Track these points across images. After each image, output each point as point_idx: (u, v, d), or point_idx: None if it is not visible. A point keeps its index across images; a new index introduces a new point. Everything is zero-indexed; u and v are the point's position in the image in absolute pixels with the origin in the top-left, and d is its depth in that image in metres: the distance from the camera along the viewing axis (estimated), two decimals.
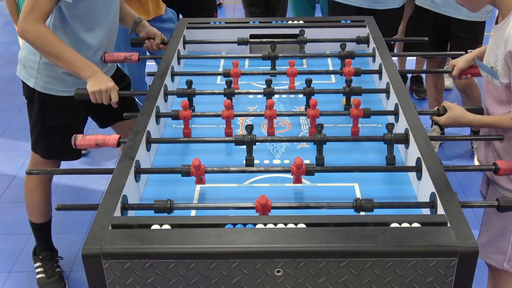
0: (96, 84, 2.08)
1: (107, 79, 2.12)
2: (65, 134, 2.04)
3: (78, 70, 2.09)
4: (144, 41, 2.48)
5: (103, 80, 2.10)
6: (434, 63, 3.47)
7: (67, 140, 1.78)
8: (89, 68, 2.10)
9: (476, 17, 3.15)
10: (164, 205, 1.45)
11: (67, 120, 2.32)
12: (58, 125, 2.32)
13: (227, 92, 2.01)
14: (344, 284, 1.26)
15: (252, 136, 1.70)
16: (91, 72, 2.09)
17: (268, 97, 1.99)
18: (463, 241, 1.24)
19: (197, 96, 2.05)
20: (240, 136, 1.72)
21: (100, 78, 2.10)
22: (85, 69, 2.09)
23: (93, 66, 2.12)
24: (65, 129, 2.27)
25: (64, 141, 2.05)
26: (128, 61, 2.36)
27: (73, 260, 2.73)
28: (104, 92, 2.08)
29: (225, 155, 1.83)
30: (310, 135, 1.85)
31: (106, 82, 2.09)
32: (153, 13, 3.18)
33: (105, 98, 2.09)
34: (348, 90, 2.00)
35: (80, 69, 2.09)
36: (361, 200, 1.45)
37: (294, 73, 2.12)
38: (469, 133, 3.63)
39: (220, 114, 1.86)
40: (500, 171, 1.58)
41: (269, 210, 1.43)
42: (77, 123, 2.38)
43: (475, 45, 3.23)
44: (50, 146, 2.37)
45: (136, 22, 2.48)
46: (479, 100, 3.46)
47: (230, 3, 6.74)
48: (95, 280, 1.26)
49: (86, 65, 2.10)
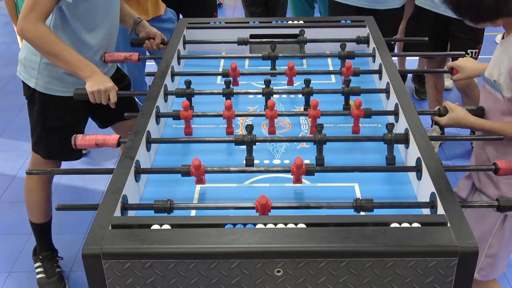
0: (95, 84, 2.07)
1: (106, 79, 2.11)
2: (65, 134, 2.03)
3: (77, 70, 2.09)
4: (144, 41, 2.48)
5: (102, 80, 2.09)
6: (434, 63, 3.47)
7: (68, 140, 1.78)
8: (88, 68, 2.10)
9: None
10: (164, 205, 1.45)
11: (67, 120, 2.32)
12: (59, 125, 2.32)
13: (226, 92, 2.01)
14: (344, 284, 1.26)
15: (252, 136, 1.70)
16: (90, 72, 2.09)
17: (267, 97, 1.99)
18: (463, 241, 1.24)
19: (196, 96, 2.05)
20: (240, 136, 1.72)
21: (99, 78, 2.09)
22: (84, 69, 2.09)
23: (92, 66, 2.12)
24: (66, 129, 2.27)
25: (64, 141, 2.04)
26: (128, 61, 2.36)
27: (73, 260, 2.73)
28: (103, 92, 2.07)
29: (225, 155, 1.83)
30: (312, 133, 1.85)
31: (105, 82, 2.09)
32: (152, 13, 3.18)
33: (103, 98, 2.09)
34: (346, 90, 2.00)
35: (79, 68, 2.09)
36: (361, 200, 1.45)
37: (293, 74, 2.12)
38: (469, 133, 3.64)
39: (221, 114, 1.86)
40: (500, 171, 1.58)
41: (269, 210, 1.43)
42: (78, 123, 2.38)
43: (475, 45, 3.24)
44: (50, 146, 2.37)
45: (136, 22, 2.49)
46: (479, 100, 3.46)
47: (230, 3, 6.74)
48: (95, 280, 1.26)
49: (85, 65, 2.10)
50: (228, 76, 2.14)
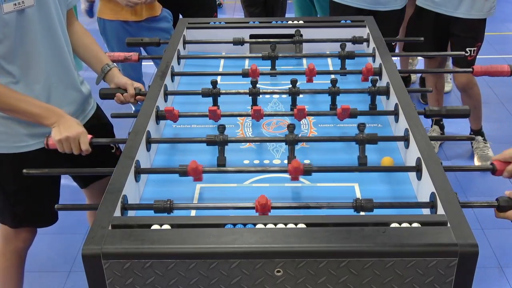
0: (63, 130, 1.77)
1: (74, 124, 1.80)
2: (32, 196, 1.84)
3: (40, 119, 1.80)
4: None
5: (69, 125, 1.79)
6: (435, 63, 3.47)
7: (37, 202, 1.58)
8: (51, 113, 1.80)
9: (476, 14, 3.16)
10: (164, 205, 1.45)
11: (29, 180, 1.87)
12: (22, 186, 1.97)
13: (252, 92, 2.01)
14: (344, 284, 1.26)
15: (224, 136, 1.70)
16: (56, 118, 1.79)
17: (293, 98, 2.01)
18: (463, 241, 1.24)
19: (196, 96, 2.05)
20: (212, 136, 1.71)
21: (66, 123, 1.79)
22: (47, 116, 1.79)
23: (56, 111, 1.82)
24: (31, 190, 1.97)
25: (33, 204, 1.86)
26: (128, 61, 2.36)
27: (73, 260, 2.73)
28: (72, 139, 1.77)
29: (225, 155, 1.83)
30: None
31: (73, 127, 1.79)
32: (146, 14, 3.19)
33: (74, 146, 1.78)
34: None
35: (41, 117, 1.79)
36: (361, 200, 1.45)
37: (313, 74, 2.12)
38: (469, 133, 3.64)
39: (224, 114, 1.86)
40: (498, 172, 1.59)
41: (269, 210, 1.43)
42: (47, 182, 2.02)
43: (473, 43, 3.23)
44: (17, 212, 2.02)
45: (104, 71, 2.10)
46: (479, 98, 3.47)
47: (230, 3, 6.74)
48: (95, 280, 1.26)
49: (47, 110, 1.80)
50: (248, 76, 2.12)
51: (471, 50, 3.24)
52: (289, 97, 2.04)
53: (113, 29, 3.20)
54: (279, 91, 2.13)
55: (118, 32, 3.19)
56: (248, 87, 2.03)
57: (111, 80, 2.09)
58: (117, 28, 3.19)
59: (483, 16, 3.19)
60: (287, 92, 2.03)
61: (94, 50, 2.11)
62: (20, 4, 1.75)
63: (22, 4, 1.76)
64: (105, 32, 3.25)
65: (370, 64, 2.17)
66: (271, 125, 1.98)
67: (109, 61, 2.11)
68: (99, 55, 2.12)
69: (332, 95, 2.02)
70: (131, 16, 3.16)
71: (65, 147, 1.79)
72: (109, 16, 3.19)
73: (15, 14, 1.75)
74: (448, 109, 1.93)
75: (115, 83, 2.08)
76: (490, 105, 4.15)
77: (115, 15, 3.17)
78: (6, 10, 1.72)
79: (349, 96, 2.07)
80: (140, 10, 3.16)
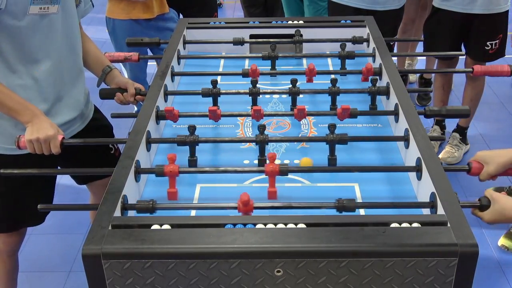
0: (34, 131, 1.76)
1: (47, 125, 1.78)
2: (18, 196, 1.83)
3: (16, 114, 1.79)
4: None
5: (42, 127, 1.77)
6: (445, 64, 3.45)
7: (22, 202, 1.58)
8: (29, 111, 1.79)
9: (496, 9, 3.12)
10: (147, 206, 1.43)
11: (18, 180, 1.93)
12: (7, 188, 1.96)
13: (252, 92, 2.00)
14: (344, 284, 1.27)
15: (194, 136, 1.70)
16: (30, 116, 1.78)
17: (294, 97, 2.01)
18: (463, 241, 1.24)
19: (196, 96, 2.05)
20: (182, 137, 1.71)
21: (39, 124, 1.77)
22: (23, 113, 1.78)
23: (33, 109, 1.80)
24: (18, 191, 1.96)
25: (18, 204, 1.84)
26: (128, 61, 2.36)
27: (73, 260, 2.73)
28: (42, 141, 1.76)
29: (225, 155, 1.83)
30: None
31: (45, 129, 1.76)
32: (157, 11, 3.20)
33: (44, 149, 1.77)
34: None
35: (17, 112, 1.78)
36: (343, 200, 1.43)
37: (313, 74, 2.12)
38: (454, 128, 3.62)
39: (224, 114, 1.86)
40: (472, 172, 1.63)
41: (251, 210, 1.42)
42: (35, 179, 1.98)
43: (494, 36, 3.17)
44: (2, 215, 2.01)
45: (105, 72, 2.11)
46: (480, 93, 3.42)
47: (230, 3, 6.74)
48: (95, 280, 1.26)
49: (24, 107, 1.79)
50: (248, 76, 2.12)
51: (492, 44, 3.20)
52: (289, 97, 2.04)
53: (124, 28, 3.21)
54: (279, 91, 2.14)
55: (128, 31, 3.19)
56: (248, 87, 2.03)
57: (112, 81, 2.11)
58: (128, 27, 3.20)
59: (504, 9, 3.14)
60: (287, 92, 2.04)
61: (95, 54, 2.14)
62: (45, 9, 1.80)
63: (46, 10, 1.81)
64: (115, 31, 3.25)
65: (370, 64, 2.17)
66: (271, 125, 1.98)
67: (109, 63, 2.14)
68: (100, 58, 2.14)
69: (332, 95, 2.02)
70: (143, 14, 3.17)
71: (36, 148, 1.78)
72: (120, 16, 3.20)
73: (38, 16, 1.80)
74: (448, 109, 1.93)
75: (116, 83, 2.10)
76: (490, 105, 4.15)
77: (127, 14, 3.18)
78: (31, 11, 1.77)
79: (349, 96, 2.07)
80: (151, 7, 3.17)
